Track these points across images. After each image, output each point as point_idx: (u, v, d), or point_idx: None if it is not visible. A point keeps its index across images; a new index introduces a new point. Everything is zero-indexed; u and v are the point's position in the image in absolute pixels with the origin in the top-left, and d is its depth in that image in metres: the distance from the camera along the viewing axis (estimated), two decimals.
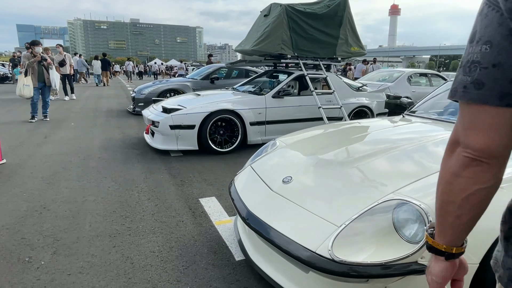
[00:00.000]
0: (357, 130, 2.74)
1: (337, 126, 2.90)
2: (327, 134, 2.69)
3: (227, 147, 4.67)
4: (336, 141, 2.47)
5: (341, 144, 2.33)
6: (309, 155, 2.25)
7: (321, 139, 2.62)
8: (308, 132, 2.88)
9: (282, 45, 5.16)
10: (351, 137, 2.50)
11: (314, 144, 2.51)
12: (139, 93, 8.06)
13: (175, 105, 4.63)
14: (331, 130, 2.76)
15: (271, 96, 4.98)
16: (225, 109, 4.54)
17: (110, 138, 5.45)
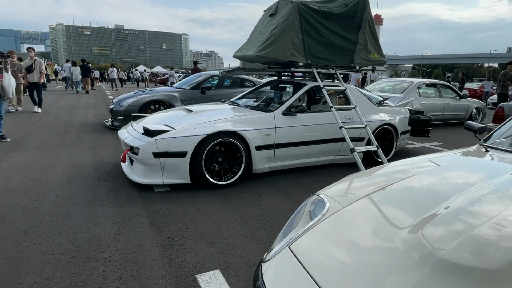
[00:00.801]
0: (446, 179, 1.78)
1: (405, 173, 1.92)
2: (403, 188, 1.72)
3: (228, 178, 3.66)
4: (426, 203, 1.50)
5: (440, 211, 1.37)
6: (393, 227, 1.30)
7: (399, 197, 1.64)
8: (363, 179, 1.94)
9: (292, 51, 4.22)
10: (454, 198, 1.53)
11: (390, 206, 1.54)
12: (118, 104, 6.97)
13: (161, 126, 3.60)
14: (403, 181, 1.78)
15: (281, 113, 4.01)
16: (226, 131, 3.54)
17: (78, 164, 4.35)
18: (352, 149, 3.84)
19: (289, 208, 3.14)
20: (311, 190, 3.70)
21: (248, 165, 3.76)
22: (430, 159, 2.10)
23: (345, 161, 4.59)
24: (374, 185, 1.76)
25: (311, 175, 4.20)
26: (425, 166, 1.99)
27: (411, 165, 2.08)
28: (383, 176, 1.92)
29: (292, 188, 3.70)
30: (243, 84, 8.13)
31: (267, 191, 3.59)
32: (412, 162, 2.15)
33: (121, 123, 6.83)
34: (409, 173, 1.87)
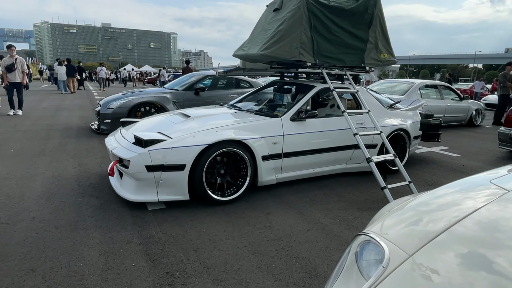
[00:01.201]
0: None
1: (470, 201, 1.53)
2: (483, 224, 1.32)
3: (231, 193, 3.24)
4: None
5: None
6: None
7: (484, 237, 1.24)
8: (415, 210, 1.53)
9: (300, 49, 3.82)
10: None
11: (482, 250, 1.14)
12: (106, 106, 6.46)
13: (154, 134, 3.15)
14: (475, 214, 1.39)
15: (289, 118, 3.61)
16: (229, 140, 3.12)
17: (59, 176, 3.86)
18: (369, 159, 3.46)
19: (305, 228, 2.74)
20: (325, 205, 3.32)
21: (253, 177, 3.35)
22: (491, 180, 1.71)
23: (356, 170, 4.22)
24: (437, 219, 1.36)
25: (320, 186, 3.81)
26: (490, 193, 1.60)
27: (469, 189, 1.69)
28: (442, 207, 1.52)
29: (303, 203, 3.30)
30: (239, 85, 7.71)
31: (275, 207, 3.18)
32: (468, 185, 1.76)
33: (109, 127, 6.34)
34: (477, 201, 1.47)
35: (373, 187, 3.85)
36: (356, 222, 2.92)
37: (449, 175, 4.45)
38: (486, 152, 5.98)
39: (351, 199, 3.46)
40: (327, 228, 2.79)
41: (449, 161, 5.24)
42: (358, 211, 3.17)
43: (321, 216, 3.01)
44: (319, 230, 2.75)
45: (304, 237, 2.61)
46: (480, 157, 5.62)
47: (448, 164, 5.04)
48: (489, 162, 5.27)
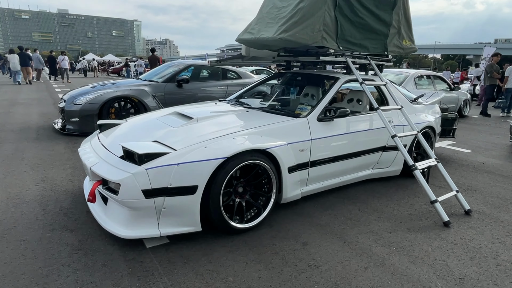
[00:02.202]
0: None
1: None
2: None
3: (252, 216, 2.52)
4: None
5: None
6: None
7: None
8: None
9: (323, 33, 3.12)
10: None
11: None
12: (71, 102, 5.43)
13: (151, 145, 2.34)
14: None
15: (316, 118, 2.92)
16: (252, 150, 2.39)
17: (16, 199, 2.94)
18: (413, 167, 2.87)
19: (360, 266, 2.10)
20: (367, 226, 2.61)
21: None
22: None
23: (382, 175, 3.64)
24: None
25: (349, 198, 3.19)
26: None
27: None
28: None
29: (341, 224, 2.66)
30: (225, 75, 6.89)
31: (309, 232, 2.51)
32: None
33: (76, 127, 5.35)
34: None
35: (407, 197, 3.29)
36: (417, 251, 2.32)
37: (480, 177, 3.99)
38: (495, 147, 5.66)
39: (392, 215, 2.86)
40: (387, 262, 2.16)
41: (465, 159, 4.82)
42: (409, 233, 2.57)
43: (371, 244, 2.38)
44: (379, 266, 2.12)
45: (366, 280, 1.97)
46: (492, 152, 5.27)
47: (468, 163, 4.61)
48: (505, 157, 4.92)
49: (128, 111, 5.73)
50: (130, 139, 2.60)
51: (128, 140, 2.58)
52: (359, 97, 3.78)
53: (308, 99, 3.57)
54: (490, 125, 8.14)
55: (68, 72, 17.98)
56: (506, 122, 8.72)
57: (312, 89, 3.64)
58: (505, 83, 9.88)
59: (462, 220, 2.81)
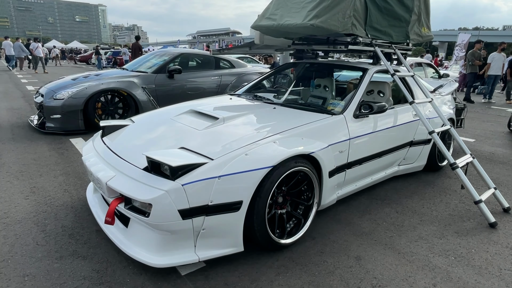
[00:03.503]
0: None
1: None
2: None
3: (293, 229, 2.22)
4: None
5: None
6: None
7: None
8: None
9: (353, 19, 2.82)
10: None
11: None
12: (51, 96, 4.83)
13: (182, 154, 1.97)
14: None
15: (352, 114, 2.64)
16: (299, 155, 2.08)
17: (3, 218, 2.46)
18: (454, 165, 2.68)
19: (429, 283, 1.87)
20: (414, 232, 2.41)
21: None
22: None
23: (407, 172, 3.46)
24: None
25: (381, 198, 2.97)
26: None
27: None
28: None
29: (386, 232, 2.42)
30: (218, 65, 6.45)
31: (357, 243, 2.26)
32: None
33: (58, 124, 4.79)
34: None
35: (439, 195, 3.12)
36: (477, 259, 2.13)
37: (497, 169, 3.91)
38: (494, 135, 5.67)
39: (434, 218, 2.67)
40: (453, 276, 1.95)
41: (473, 149, 4.75)
42: (459, 237, 2.39)
43: (427, 254, 2.16)
44: (447, 281, 1.90)
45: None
46: (495, 141, 5.26)
47: (478, 153, 4.54)
48: (509, 146, 4.91)
49: (116, 105, 5.20)
50: (147, 144, 2.21)
51: (145, 145, 2.20)
52: (380, 88, 3.53)
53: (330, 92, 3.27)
54: (478, 112, 8.25)
55: (44, 61, 15.98)
56: (491, 108, 8.91)
57: (329, 79, 3.34)
58: (487, 70, 10.09)
59: (505, 220, 2.67)
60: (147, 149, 2.12)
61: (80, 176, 3.28)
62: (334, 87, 3.31)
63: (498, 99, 10.52)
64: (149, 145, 2.19)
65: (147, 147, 2.17)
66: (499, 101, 10.14)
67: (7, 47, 15.88)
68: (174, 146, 2.10)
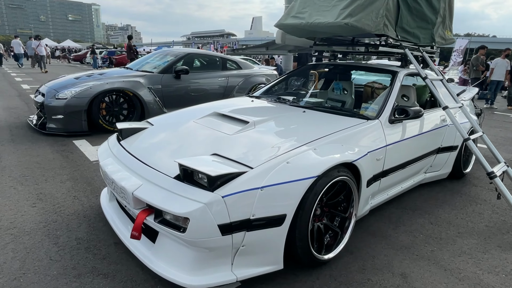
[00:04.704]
0: None
1: None
2: None
3: (327, 243, 2.05)
4: None
5: None
6: None
7: None
8: None
9: (385, 19, 2.67)
10: None
11: None
12: (53, 95, 4.59)
13: (218, 161, 1.78)
14: None
15: (387, 120, 2.49)
16: (344, 163, 1.91)
17: (10, 229, 2.24)
18: (492, 174, 2.54)
19: None
20: (454, 245, 2.25)
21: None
22: None
23: (432, 179, 3.33)
24: None
25: (411, 208, 2.82)
26: None
27: None
28: None
29: (426, 245, 2.27)
30: (225, 66, 6.27)
31: (399, 259, 2.10)
32: None
33: (60, 125, 4.55)
34: None
35: (469, 204, 2.98)
36: None
37: None
38: (507, 141, 5.58)
39: (471, 230, 2.53)
40: None
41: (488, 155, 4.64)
42: (504, 252, 2.24)
43: (475, 271, 2.01)
44: None
45: None
46: (509, 147, 5.17)
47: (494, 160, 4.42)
48: None
49: (121, 106, 4.98)
50: (173, 150, 2.03)
51: (172, 151, 2.01)
52: (404, 92, 3.39)
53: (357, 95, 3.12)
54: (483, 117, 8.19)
55: (45, 60, 15.32)
56: (494, 113, 8.87)
57: (349, 81, 3.19)
58: (490, 75, 10.09)
59: None
60: (174, 155, 1.94)
61: (89, 181, 3.07)
62: (374, 91, 3.15)
63: (499, 105, 10.52)
64: (177, 151, 2.00)
65: (175, 152, 1.98)
66: (500, 107, 10.14)
67: (16, 45, 16.24)
68: (205, 152, 1.92)
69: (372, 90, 3.95)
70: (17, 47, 16.37)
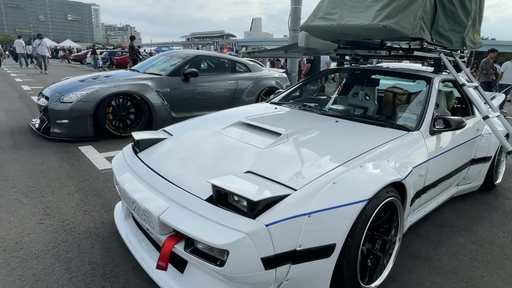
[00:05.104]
0: None
1: None
2: None
3: (369, 269, 1.85)
4: None
5: None
6: None
7: None
8: None
9: (421, 22, 2.48)
10: None
11: None
12: (57, 99, 4.38)
13: (256, 181, 1.57)
14: None
15: (428, 131, 2.29)
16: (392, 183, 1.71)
17: (16, 250, 2.03)
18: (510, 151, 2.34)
19: None
20: (505, 270, 2.03)
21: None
22: None
23: (464, 192, 3.13)
24: None
25: (446, 224, 2.62)
26: None
27: None
28: None
29: (470, 267, 2.07)
30: (234, 68, 6.06)
31: (448, 287, 1.89)
32: None
33: (64, 130, 4.34)
34: None
35: (508, 220, 2.78)
36: None
37: None
38: None
39: None
40: None
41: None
42: None
43: None
44: None
45: None
46: None
47: None
48: None
49: (128, 110, 4.77)
50: (200, 165, 1.82)
51: (199, 167, 1.80)
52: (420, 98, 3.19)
53: (387, 102, 2.92)
54: None
55: (47, 61, 14.75)
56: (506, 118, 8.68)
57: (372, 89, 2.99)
58: (500, 79, 9.92)
59: None
60: (202, 172, 1.73)
61: (99, 193, 2.85)
62: (395, 97, 2.95)
63: (508, 109, 10.35)
64: (204, 167, 1.79)
65: (202, 169, 1.77)
66: (509, 111, 9.96)
67: (18, 45, 16.25)
68: (237, 169, 1.71)
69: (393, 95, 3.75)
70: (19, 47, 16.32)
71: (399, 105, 2.98)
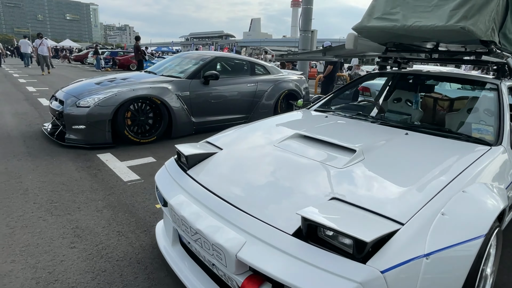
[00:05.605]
0: None
1: None
2: None
3: None
4: None
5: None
6: None
7: None
8: None
9: (493, 24, 2.24)
10: None
11: None
12: (73, 103, 4.11)
13: (354, 214, 1.32)
14: None
15: (509, 144, 2.05)
16: None
17: (50, 282, 1.77)
18: None
19: None
20: None
21: None
22: None
23: None
24: None
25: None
26: None
27: None
28: None
29: None
30: (253, 70, 5.81)
31: None
32: None
33: (81, 137, 4.08)
34: None
35: None
36: None
37: None
38: None
39: None
40: None
41: None
42: None
43: None
44: None
45: None
46: None
47: None
48: None
49: (147, 115, 4.51)
50: (270, 189, 1.57)
51: (269, 191, 1.55)
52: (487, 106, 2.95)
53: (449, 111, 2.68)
54: None
55: (50, 61, 14.11)
56: None
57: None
58: None
59: None
60: (278, 197, 1.48)
61: (130, 209, 2.60)
62: (466, 106, 2.70)
63: None
64: (277, 191, 1.54)
65: (275, 193, 1.52)
66: None
67: (23, 45, 16.27)
68: (318, 194, 1.46)
69: (434, 100, 3.50)
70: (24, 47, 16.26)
71: (457, 113, 2.73)
